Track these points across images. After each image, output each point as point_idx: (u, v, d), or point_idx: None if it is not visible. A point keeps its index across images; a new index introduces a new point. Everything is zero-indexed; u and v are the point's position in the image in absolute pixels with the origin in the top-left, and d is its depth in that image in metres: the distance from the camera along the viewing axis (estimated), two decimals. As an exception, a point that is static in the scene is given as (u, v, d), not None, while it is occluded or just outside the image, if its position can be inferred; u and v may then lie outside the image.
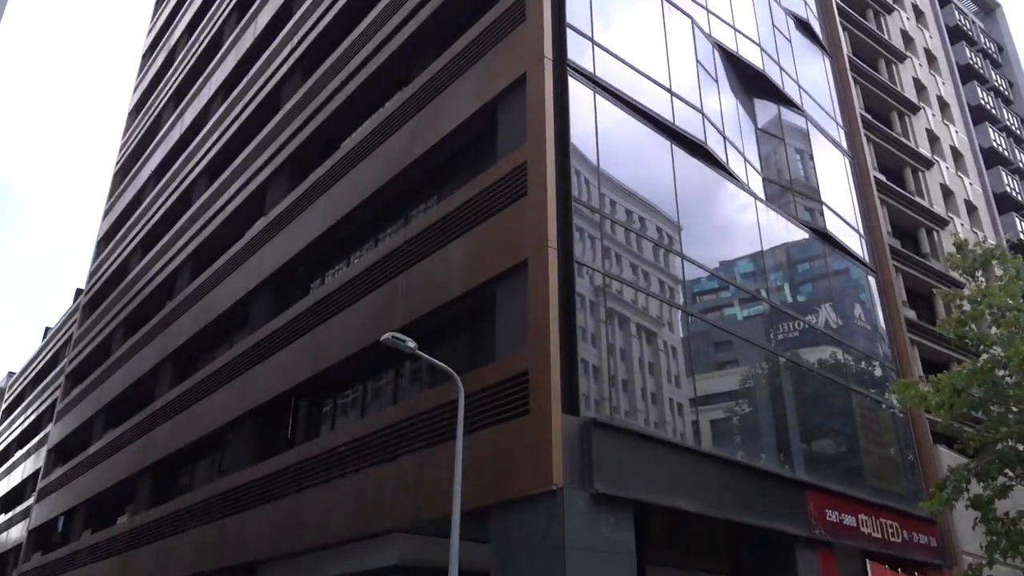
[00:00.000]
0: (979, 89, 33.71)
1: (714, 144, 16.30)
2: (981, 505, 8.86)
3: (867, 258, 20.44)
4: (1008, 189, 31.84)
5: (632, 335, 12.82)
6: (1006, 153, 33.38)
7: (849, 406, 17.04)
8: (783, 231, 17.75)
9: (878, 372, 18.47)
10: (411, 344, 11.27)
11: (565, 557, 10.04)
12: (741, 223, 16.60)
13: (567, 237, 12.35)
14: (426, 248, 14.67)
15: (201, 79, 30.88)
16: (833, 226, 19.35)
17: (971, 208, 28.59)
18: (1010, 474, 8.88)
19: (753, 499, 13.15)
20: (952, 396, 8.71)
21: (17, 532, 37.72)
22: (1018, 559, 9.08)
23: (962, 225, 26.82)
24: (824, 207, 19.29)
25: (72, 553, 26.86)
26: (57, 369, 41.97)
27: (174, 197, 29.66)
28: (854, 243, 20.15)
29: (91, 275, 39.37)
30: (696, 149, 15.84)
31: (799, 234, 18.24)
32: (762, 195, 17.61)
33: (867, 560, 14.13)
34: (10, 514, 40.44)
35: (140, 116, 39.13)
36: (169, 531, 20.50)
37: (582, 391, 11.38)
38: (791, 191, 18.78)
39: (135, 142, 38.11)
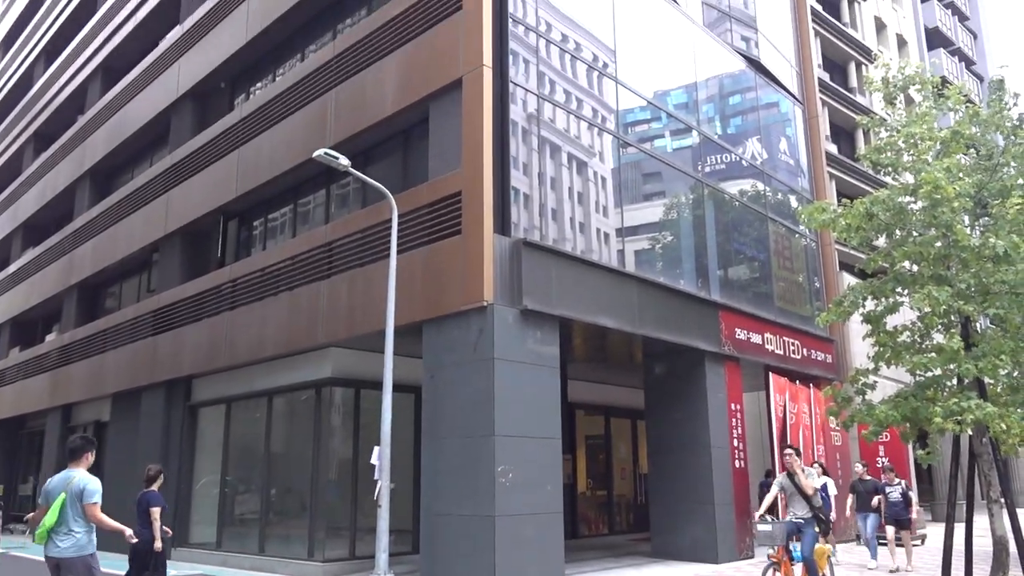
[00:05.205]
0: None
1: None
2: (873, 320, 9.73)
3: (797, 91, 20.70)
4: (940, 24, 32.07)
5: (563, 164, 12.96)
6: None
7: (765, 235, 17.92)
8: (718, 62, 17.70)
9: (795, 204, 19.27)
10: (344, 161, 11.19)
11: (493, 368, 10.67)
12: (677, 52, 16.43)
13: (502, 55, 12.10)
14: (357, 63, 14.16)
15: None
16: (767, 57, 19.36)
17: (902, 43, 28.86)
18: (901, 292, 9.70)
19: (670, 318, 14.02)
20: (863, 219, 9.28)
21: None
22: (900, 369, 10.10)
23: (890, 59, 27.19)
24: (760, 36, 19.20)
25: (1, 370, 26.85)
26: (-37, 186, 39.86)
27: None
28: (786, 75, 20.30)
29: (-9, 85, 36.62)
30: (636, -32, 15.34)
31: (734, 65, 18.22)
32: (700, 20, 17.39)
33: (769, 373, 15.43)
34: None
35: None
36: (100, 348, 20.62)
37: (512, 219, 11.63)
38: (729, 17, 18.55)
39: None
